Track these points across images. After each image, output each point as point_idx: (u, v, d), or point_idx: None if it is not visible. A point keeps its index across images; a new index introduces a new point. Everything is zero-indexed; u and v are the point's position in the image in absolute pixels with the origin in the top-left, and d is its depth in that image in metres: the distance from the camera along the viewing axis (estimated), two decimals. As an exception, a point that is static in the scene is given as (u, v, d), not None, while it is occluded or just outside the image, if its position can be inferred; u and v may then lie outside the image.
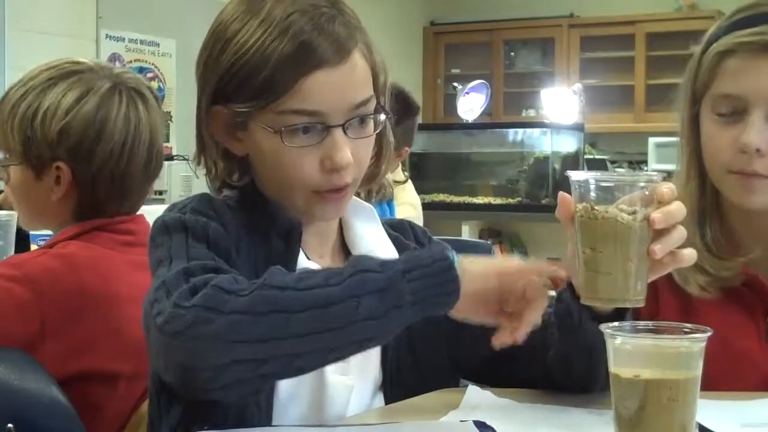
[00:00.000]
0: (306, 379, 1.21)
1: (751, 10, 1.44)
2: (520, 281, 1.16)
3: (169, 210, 1.26)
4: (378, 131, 1.29)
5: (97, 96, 1.59)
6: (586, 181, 1.11)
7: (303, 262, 1.27)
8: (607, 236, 1.10)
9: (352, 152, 1.24)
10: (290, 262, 1.25)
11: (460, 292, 1.12)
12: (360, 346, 1.12)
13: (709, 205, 1.49)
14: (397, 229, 1.43)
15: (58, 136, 1.57)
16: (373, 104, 1.27)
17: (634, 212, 1.09)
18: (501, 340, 1.18)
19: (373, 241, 1.37)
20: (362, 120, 1.26)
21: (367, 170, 1.31)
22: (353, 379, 1.27)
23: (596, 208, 1.10)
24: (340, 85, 1.23)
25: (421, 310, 1.11)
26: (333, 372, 1.24)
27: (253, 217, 1.27)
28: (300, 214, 1.29)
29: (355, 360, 1.21)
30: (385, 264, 1.12)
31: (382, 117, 1.29)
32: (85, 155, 1.58)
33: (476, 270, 1.16)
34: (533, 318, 1.17)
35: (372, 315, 1.08)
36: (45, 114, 1.57)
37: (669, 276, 1.47)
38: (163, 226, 1.22)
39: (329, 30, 1.22)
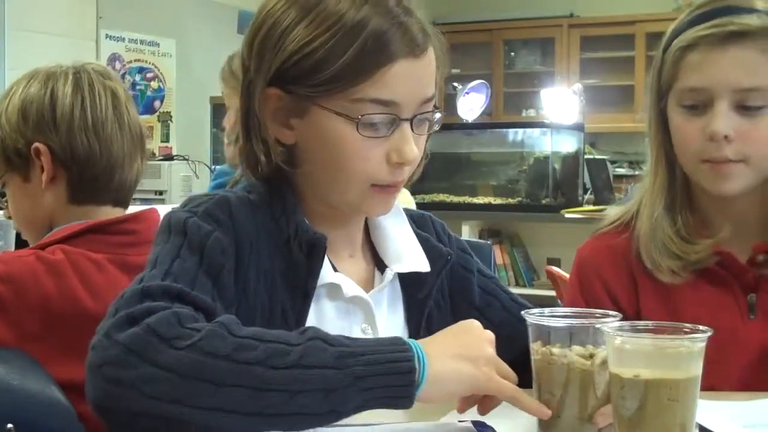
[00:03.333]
0: None
1: (708, 6, 1.49)
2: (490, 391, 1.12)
3: (184, 204, 1.23)
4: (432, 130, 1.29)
5: (40, 75, 1.68)
6: (544, 324, 1.10)
7: (328, 275, 1.25)
8: (568, 382, 1.08)
9: None
10: (311, 276, 1.23)
11: (414, 399, 1.06)
12: (287, 430, 1.05)
13: (680, 194, 1.53)
14: (422, 227, 1.41)
15: (21, 119, 1.65)
16: (433, 102, 1.26)
17: (591, 355, 1.08)
18: (462, 410, 1.16)
19: (402, 242, 1.34)
20: (423, 117, 1.25)
21: None
22: None
23: (554, 352, 1.08)
24: (418, 78, 1.22)
25: (362, 410, 1.06)
26: None
27: (276, 223, 1.24)
28: (347, 208, 1.28)
29: None
30: (341, 359, 1.03)
31: (438, 115, 1.28)
32: (51, 126, 1.63)
33: (446, 370, 1.08)
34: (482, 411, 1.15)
35: (306, 411, 1.02)
36: (6, 110, 1.66)
37: (644, 269, 1.51)
38: (168, 223, 1.20)
39: (409, 23, 1.21)
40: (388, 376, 1.04)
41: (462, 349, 1.10)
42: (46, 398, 1.39)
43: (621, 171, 7.63)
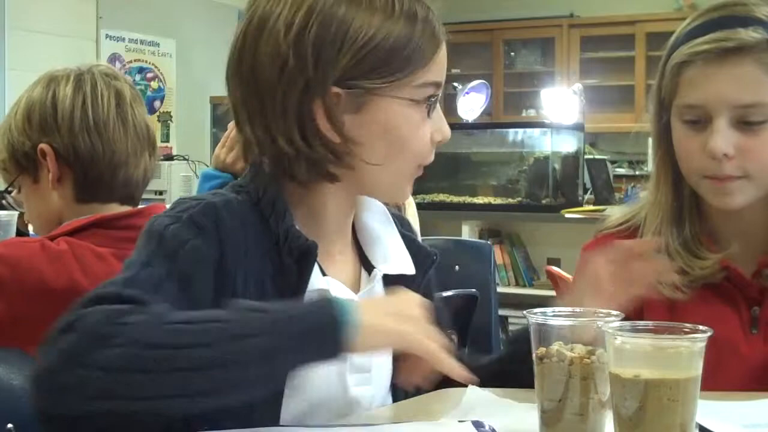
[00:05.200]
0: (329, 395, 1.23)
1: (705, 17, 1.46)
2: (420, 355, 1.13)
3: (171, 208, 1.22)
4: None
5: (44, 78, 1.71)
6: (546, 323, 1.11)
7: (317, 281, 1.24)
8: (569, 382, 1.08)
9: None
10: (301, 282, 1.22)
11: (342, 346, 1.07)
12: (234, 402, 1.06)
13: (687, 205, 1.52)
14: (406, 227, 1.41)
15: (26, 122, 1.68)
16: None
17: (592, 354, 1.08)
18: (400, 381, 1.18)
19: (389, 244, 1.35)
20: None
21: None
22: (374, 387, 1.28)
23: (555, 352, 1.08)
24: (446, 59, 1.28)
25: (298, 367, 1.09)
26: (355, 385, 1.25)
27: (265, 224, 1.22)
28: (386, 194, 1.31)
29: (374, 368, 1.26)
30: (273, 324, 1.05)
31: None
32: (53, 127, 1.66)
33: (375, 323, 1.09)
34: (417, 381, 1.17)
35: (247, 380, 1.04)
36: (15, 115, 1.71)
37: None
38: (148, 229, 1.19)
39: (431, 9, 1.27)
40: (317, 330, 1.06)
41: (393, 308, 1.13)
42: (46, 398, 1.39)
43: (621, 171, 7.63)
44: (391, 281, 1.33)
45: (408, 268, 1.34)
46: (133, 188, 1.71)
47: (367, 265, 1.34)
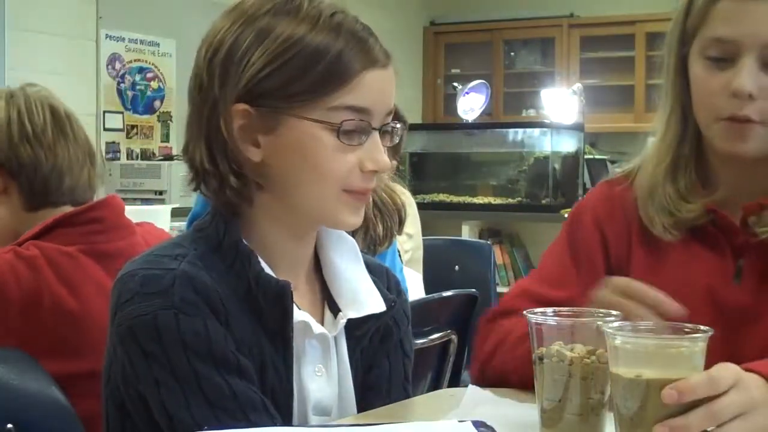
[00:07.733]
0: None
1: None
2: None
3: (141, 285, 1.17)
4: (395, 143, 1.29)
5: None
6: (545, 323, 1.11)
7: (297, 315, 1.24)
8: (569, 381, 1.08)
9: None
10: (286, 324, 1.22)
11: None
12: None
13: (689, 152, 1.47)
14: (375, 273, 1.37)
15: None
16: (392, 115, 1.27)
17: (592, 354, 1.08)
18: None
19: (356, 281, 1.32)
20: (388, 128, 1.25)
21: None
22: (334, 411, 1.28)
23: (555, 351, 1.09)
24: (386, 87, 1.24)
25: None
26: (314, 414, 1.25)
27: (231, 269, 1.21)
28: (320, 220, 1.27)
29: (335, 410, 1.26)
30: None
31: (399, 125, 1.27)
32: None
33: None
34: None
35: None
36: None
37: (640, 221, 1.48)
38: (151, 328, 1.15)
39: (372, 38, 1.23)
40: None
41: None
42: (46, 398, 1.39)
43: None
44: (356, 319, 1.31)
45: (377, 306, 1.31)
46: (81, 192, 1.72)
47: (331, 302, 1.32)
